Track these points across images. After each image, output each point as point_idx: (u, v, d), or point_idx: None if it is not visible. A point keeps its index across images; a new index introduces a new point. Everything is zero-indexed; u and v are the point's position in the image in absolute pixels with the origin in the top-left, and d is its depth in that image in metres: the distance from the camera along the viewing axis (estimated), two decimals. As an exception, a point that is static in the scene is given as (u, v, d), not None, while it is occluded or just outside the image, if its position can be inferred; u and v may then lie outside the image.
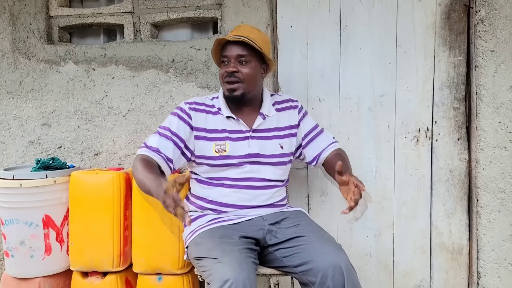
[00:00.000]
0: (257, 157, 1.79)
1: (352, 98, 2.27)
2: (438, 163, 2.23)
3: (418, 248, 2.28)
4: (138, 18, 2.41)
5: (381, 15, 2.21)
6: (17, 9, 2.41)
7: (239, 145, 1.78)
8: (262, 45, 1.76)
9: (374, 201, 2.28)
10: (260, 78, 1.82)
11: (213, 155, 1.76)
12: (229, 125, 1.80)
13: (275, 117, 1.87)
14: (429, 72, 2.19)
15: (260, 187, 1.80)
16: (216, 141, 1.77)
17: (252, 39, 1.73)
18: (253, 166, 1.79)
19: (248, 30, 1.78)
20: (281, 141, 1.85)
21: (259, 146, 1.80)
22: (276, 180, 1.84)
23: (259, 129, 1.82)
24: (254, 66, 1.76)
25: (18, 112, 2.45)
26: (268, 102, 1.87)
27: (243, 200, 1.78)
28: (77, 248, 2.06)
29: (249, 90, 1.76)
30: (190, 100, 1.84)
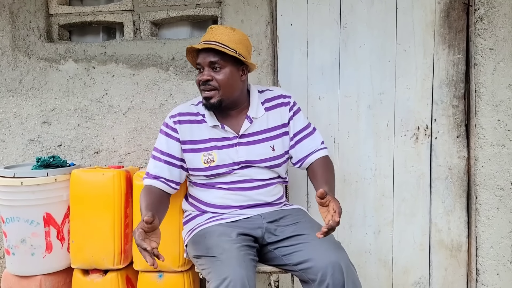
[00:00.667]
0: (246, 163, 1.75)
1: (351, 96, 2.27)
2: (438, 161, 2.24)
3: (417, 245, 2.29)
4: (138, 16, 2.41)
5: (381, 13, 2.21)
6: (17, 7, 2.41)
7: (226, 153, 1.74)
8: (237, 46, 1.67)
9: (373, 199, 2.30)
10: (239, 81, 1.72)
11: (202, 167, 1.74)
12: (215, 132, 1.76)
13: (265, 117, 1.79)
14: (429, 70, 2.20)
15: (255, 187, 1.78)
16: (203, 152, 1.74)
17: (223, 42, 1.65)
18: (244, 171, 1.76)
19: (220, 33, 1.68)
20: (272, 142, 1.78)
21: (247, 153, 1.75)
22: (271, 179, 1.82)
23: (246, 134, 1.76)
24: (229, 71, 1.67)
25: (18, 110, 2.45)
26: (255, 102, 1.79)
27: (239, 201, 1.77)
28: (78, 246, 2.07)
29: (227, 96, 1.69)
30: (174, 113, 1.80)
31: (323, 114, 2.30)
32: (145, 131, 2.35)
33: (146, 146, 2.36)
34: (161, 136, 1.80)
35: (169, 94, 2.32)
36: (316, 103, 2.30)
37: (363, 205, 2.31)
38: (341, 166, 2.31)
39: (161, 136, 1.80)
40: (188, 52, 1.75)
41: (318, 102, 2.30)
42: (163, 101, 2.33)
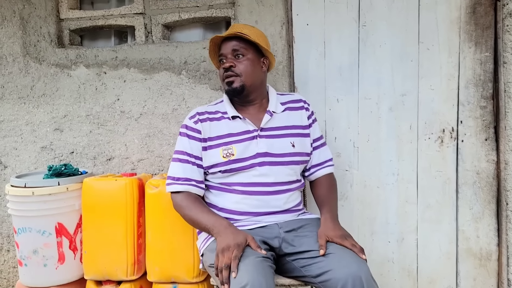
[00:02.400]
0: (266, 156, 1.70)
1: (372, 98, 2.17)
2: (464, 165, 2.12)
3: (444, 254, 2.17)
4: (150, 19, 2.34)
5: (402, 11, 2.10)
6: (27, 13, 2.37)
7: (247, 145, 1.71)
8: (258, 39, 1.73)
9: (396, 205, 2.19)
10: (260, 71, 1.77)
11: (221, 161, 1.70)
12: (235, 127, 1.74)
13: (285, 114, 1.80)
14: (454, 69, 2.08)
15: (273, 192, 1.71)
16: (222, 146, 1.71)
17: (245, 33, 1.71)
18: (263, 168, 1.70)
19: (241, 27, 1.76)
20: (292, 139, 1.77)
21: (267, 145, 1.72)
22: (289, 183, 1.75)
23: (267, 127, 1.75)
24: (251, 59, 1.73)
25: (30, 117, 2.41)
26: (274, 99, 1.81)
27: (256, 207, 1.70)
28: (91, 257, 2.02)
29: (248, 82, 1.72)
30: (192, 113, 1.80)
31: (341, 117, 2.20)
32: (157, 137, 2.29)
33: (159, 153, 2.29)
34: (182, 138, 1.76)
35: (182, 98, 2.25)
36: (334, 105, 2.20)
37: (385, 212, 2.21)
38: (362, 171, 2.21)
39: (182, 139, 1.76)
40: (211, 49, 1.82)
41: (337, 105, 2.20)
42: (176, 106, 2.26)
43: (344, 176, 2.22)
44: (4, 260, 2.52)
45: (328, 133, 2.21)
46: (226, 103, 1.79)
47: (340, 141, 2.21)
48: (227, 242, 1.48)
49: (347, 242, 1.56)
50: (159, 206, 1.95)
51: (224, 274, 1.41)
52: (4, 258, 2.52)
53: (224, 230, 1.56)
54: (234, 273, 1.39)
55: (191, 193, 1.72)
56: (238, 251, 1.45)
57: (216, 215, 1.65)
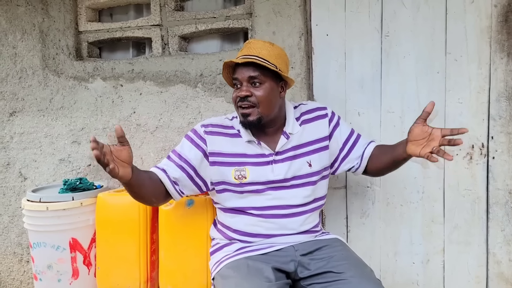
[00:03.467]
0: (282, 182, 1.62)
1: (395, 112, 2.06)
2: (496, 184, 1.98)
3: (473, 277, 2.04)
4: (166, 31, 2.31)
5: (428, 20, 1.99)
6: (46, 26, 2.38)
7: (261, 170, 1.61)
8: (277, 61, 1.57)
9: (421, 224, 2.07)
10: (278, 97, 1.61)
11: (233, 182, 1.61)
12: (250, 148, 1.63)
13: (301, 132, 1.67)
14: (484, 81, 1.95)
15: (288, 215, 1.63)
16: (235, 167, 1.61)
17: (263, 56, 1.55)
18: (277, 192, 1.62)
19: (259, 47, 1.58)
20: (309, 158, 1.65)
21: (284, 170, 1.61)
22: (306, 204, 1.66)
23: (283, 151, 1.64)
24: (269, 87, 1.56)
25: (49, 129, 2.42)
26: (291, 118, 1.68)
27: (270, 230, 1.62)
28: (104, 273, 2.00)
29: (266, 113, 1.57)
30: (206, 122, 1.68)
31: (363, 131, 2.09)
32: (173, 150, 2.25)
33: (175, 167, 2.25)
34: (185, 141, 1.66)
35: (198, 111, 2.21)
36: (355, 119, 2.10)
37: (409, 231, 2.09)
38: (384, 188, 2.10)
39: (185, 141, 1.66)
40: (224, 67, 1.64)
41: (358, 118, 2.10)
42: (192, 119, 2.22)
43: (365, 192, 2.12)
44: (24, 271, 2.54)
45: (349, 148, 2.11)
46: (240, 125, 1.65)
47: (362, 157, 2.11)
48: None
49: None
50: (172, 223, 1.90)
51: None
52: (24, 269, 2.54)
53: None
54: None
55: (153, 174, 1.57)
56: None
57: None
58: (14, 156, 2.47)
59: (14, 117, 2.46)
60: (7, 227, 2.52)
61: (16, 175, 2.48)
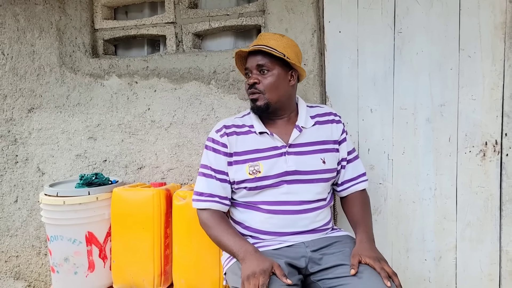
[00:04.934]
0: (295, 174, 1.63)
1: (408, 108, 2.06)
2: (509, 181, 1.96)
3: (485, 275, 2.03)
4: (180, 28, 2.34)
5: (441, 16, 1.98)
6: (63, 24, 2.43)
7: (275, 162, 1.63)
8: (285, 50, 1.64)
9: (433, 221, 2.07)
10: (287, 85, 1.67)
11: (247, 178, 1.63)
12: (262, 142, 1.67)
13: (315, 129, 1.71)
14: (498, 78, 1.94)
15: (300, 211, 1.64)
16: (249, 163, 1.64)
17: (271, 46, 1.63)
18: (291, 186, 1.64)
19: (269, 37, 1.67)
20: (323, 155, 1.68)
21: (297, 162, 1.64)
22: (317, 201, 1.67)
23: (296, 144, 1.67)
24: (276, 74, 1.63)
25: (65, 126, 2.48)
26: (304, 113, 1.73)
27: (282, 227, 1.64)
28: (119, 266, 2.04)
29: (274, 99, 1.64)
30: (219, 127, 1.73)
31: (375, 128, 2.10)
32: (187, 146, 2.28)
33: (188, 162, 2.29)
34: (208, 152, 1.71)
35: (211, 108, 2.23)
36: (367, 116, 2.11)
37: (421, 228, 2.09)
38: (396, 185, 2.10)
39: (208, 153, 1.71)
40: (237, 59, 1.76)
41: (370, 115, 2.10)
42: (205, 116, 2.24)
43: (377, 189, 2.13)
44: (42, 263, 2.60)
45: (361, 144, 2.12)
46: (253, 117, 1.72)
47: (374, 153, 2.11)
48: (253, 269, 1.42)
49: (378, 265, 1.46)
50: (186, 218, 1.93)
51: None
52: (42, 262, 2.60)
53: (249, 256, 1.49)
54: None
55: (217, 211, 1.68)
56: (265, 278, 1.38)
57: (241, 239, 1.59)
58: (32, 151, 2.53)
59: (32, 113, 2.51)
60: (26, 221, 2.58)
61: (34, 170, 2.54)
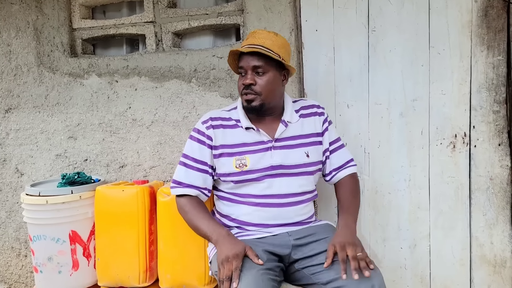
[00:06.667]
0: (280, 168, 1.68)
1: (382, 104, 2.15)
2: (477, 171, 2.08)
3: (457, 260, 2.15)
4: (160, 28, 2.37)
5: (412, 15, 2.08)
6: (41, 23, 2.42)
7: (261, 157, 1.68)
8: (280, 51, 1.66)
9: (408, 211, 2.17)
10: (280, 86, 1.72)
11: (234, 171, 1.67)
12: (249, 137, 1.71)
13: (299, 123, 1.77)
14: (466, 73, 2.05)
15: (284, 204, 1.70)
16: (236, 156, 1.68)
17: (267, 46, 1.64)
18: (276, 180, 1.69)
19: (264, 37, 1.67)
20: (307, 149, 1.74)
21: (282, 157, 1.69)
22: (302, 194, 1.73)
23: (282, 138, 1.72)
24: (272, 76, 1.66)
25: (44, 126, 2.46)
26: (290, 108, 1.77)
27: (266, 219, 1.69)
28: (104, 264, 2.05)
29: (268, 100, 1.68)
30: (205, 118, 1.76)
31: (352, 123, 2.19)
32: (169, 144, 2.31)
33: (171, 160, 2.32)
34: (192, 142, 1.74)
35: (192, 106, 2.27)
36: (344, 111, 2.19)
37: (397, 218, 2.19)
38: (373, 177, 2.20)
39: (192, 143, 1.73)
40: (230, 55, 1.74)
41: (347, 111, 2.19)
42: (186, 114, 2.28)
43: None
44: (22, 265, 2.58)
45: (338, 139, 2.20)
46: (240, 112, 1.74)
47: (351, 147, 2.19)
48: (226, 253, 1.48)
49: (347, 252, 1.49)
50: (170, 214, 1.96)
51: (225, 285, 1.43)
52: (22, 263, 2.58)
53: (222, 240, 1.55)
54: (235, 283, 1.41)
55: (195, 197, 1.72)
56: (238, 262, 1.46)
57: (216, 223, 1.64)
58: (10, 152, 2.51)
59: (10, 113, 2.49)
60: (5, 223, 2.55)
61: (12, 171, 2.52)
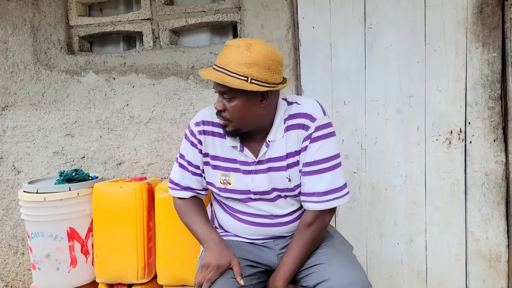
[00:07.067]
0: (262, 194, 1.55)
1: (378, 100, 2.17)
2: (473, 166, 2.11)
3: (453, 255, 2.17)
4: (157, 25, 2.37)
5: (408, 12, 2.10)
6: (37, 21, 2.42)
7: (243, 179, 1.55)
8: (249, 71, 1.38)
9: (404, 207, 2.19)
10: (257, 109, 1.46)
11: (219, 186, 1.59)
12: (235, 154, 1.56)
13: (283, 140, 1.52)
14: (461, 70, 2.07)
15: (272, 224, 1.60)
16: (221, 171, 1.57)
17: (231, 69, 1.39)
18: (259, 203, 1.58)
19: (231, 54, 1.42)
20: (288, 173, 1.53)
21: (262, 182, 1.53)
22: (290, 214, 1.60)
23: (264, 160, 1.53)
24: (240, 102, 1.43)
25: (41, 123, 2.46)
26: (277, 124, 1.52)
27: (254, 235, 1.63)
28: (102, 260, 2.06)
29: (243, 126, 1.48)
30: (198, 119, 1.61)
31: (349, 120, 2.20)
32: (166, 141, 2.32)
33: (168, 157, 2.32)
34: (186, 143, 1.63)
35: (190, 103, 2.28)
36: (341, 108, 2.21)
37: (393, 214, 2.21)
38: (370, 173, 2.21)
39: (186, 144, 1.63)
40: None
41: (344, 107, 2.20)
42: (184, 111, 2.29)
43: (352, 178, 2.23)
44: (19, 262, 2.57)
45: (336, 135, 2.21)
46: None
47: (348, 143, 2.21)
48: (209, 260, 1.44)
49: None
50: (168, 210, 1.96)
51: None
52: (19, 261, 2.57)
53: (213, 246, 1.48)
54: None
55: (192, 198, 1.66)
56: (215, 273, 1.41)
57: (210, 228, 1.56)
58: (7, 150, 2.50)
59: (7, 111, 2.49)
60: (2, 220, 2.55)
61: (9, 168, 2.51)
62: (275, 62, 1.44)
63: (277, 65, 1.45)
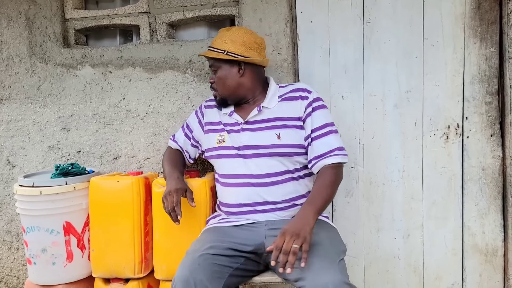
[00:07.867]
0: (248, 149, 1.75)
1: (376, 95, 2.17)
2: (470, 161, 2.11)
3: (450, 250, 2.18)
4: (154, 18, 2.35)
5: (406, 7, 2.10)
6: (33, 13, 2.39)
7: (234, 136, 1.80)
8: (227, 46, 1.78)
9: (402, 202, 2.20)
10: (236, 78, 1.81)
11: (214, 146, 1.84)
12: (227, 118, 1.86)
13: (277, 107, 1.79)
14: (459, 65, 2.08)
15: (261, 184, 1.72)
16: (218, 132, 1.85)
17: (215, 45, 1.82)
18: (248, 160, 1.74)
19: (218, 36, 1.84)
20: (278, 130, 1.73)
21: (249, 137, 1.76)
22: (277, 174, 1.71)
23: (253, 121, 1.79)
24: (223, 72, 1.81)
25: (37, 117, 2.43)
26: (271, 95, 1.82)
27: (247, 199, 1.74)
28: (98, 255, 2.04)
29: (225, 94, 1.83)
30: (208, 98, 2.04)
31: (347, 114, 2.20)
32: (163, 135, 2.30)
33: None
34: (193, 114, 2.04)
35: (187, 97, 2.26)
36: (339, 102, 2.20)
37: (391, 209, 2.21)
38: (367, 168, 2.21)
39: (192, 114, 2.04)
40: None
41: (342, 102, 2.20)
42: (181, 105, 2.27)
43: (349, 173, 2.23)
44: (13, 258, 2.55)
45: (333, 130, 2.21)
46: None
47: (346, 138, 2.21)
48: (170, 188, 1.73)
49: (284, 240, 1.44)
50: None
51: (172, 215, 1.70)
52: (13, 256, 2.55)
53: (170, 179, 1.81)
54: (179, 216, 1.68)
55: (176, 150, 2.03)
56: (177, 197, 1.70)
57: (175, 169, 1.89)
58: (1, 144, 2.47)
59: (1, 105, 2.45)
60: (-4, 215, 2.52)
61: (4, 163, 2.48)
62: (250, 40, 1.80)
63: (253, 43, 1.81)
